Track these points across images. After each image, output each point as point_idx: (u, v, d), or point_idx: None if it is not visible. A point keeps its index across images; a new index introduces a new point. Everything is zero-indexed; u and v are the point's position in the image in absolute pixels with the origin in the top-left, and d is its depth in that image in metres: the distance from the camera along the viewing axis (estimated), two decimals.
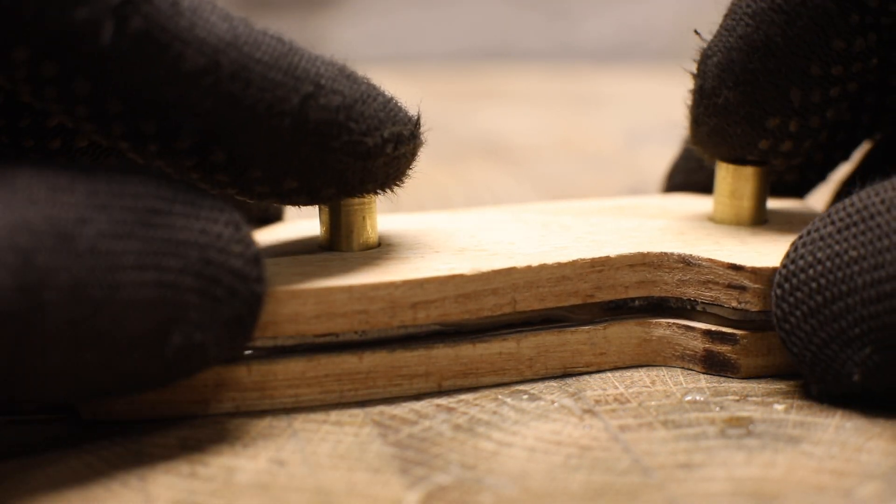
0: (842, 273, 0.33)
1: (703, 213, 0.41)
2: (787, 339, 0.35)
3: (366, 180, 0.35)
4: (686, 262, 0.37)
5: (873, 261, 0.33)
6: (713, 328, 0.37)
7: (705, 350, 0.37)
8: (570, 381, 0.37)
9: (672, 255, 0.37)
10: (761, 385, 0.37)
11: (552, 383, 0.37)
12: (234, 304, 0.32)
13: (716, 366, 0.37)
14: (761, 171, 0.39)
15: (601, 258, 0.37)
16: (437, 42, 1.09)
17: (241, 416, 0.35)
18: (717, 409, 0.35)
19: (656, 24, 1.05)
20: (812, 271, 0.34)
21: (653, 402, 0.36)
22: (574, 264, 0.37)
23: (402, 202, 0.38)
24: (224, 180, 0.34)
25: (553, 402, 0.36)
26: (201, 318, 0.32)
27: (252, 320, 0.33)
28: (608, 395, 0.36)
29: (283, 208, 0.41)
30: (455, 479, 0.32)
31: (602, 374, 0.38)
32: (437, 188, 0.58)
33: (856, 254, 0.33)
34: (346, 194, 0.35)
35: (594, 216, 0.40)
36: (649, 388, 0.37)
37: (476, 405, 0.36)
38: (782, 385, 0.36)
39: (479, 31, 1.11)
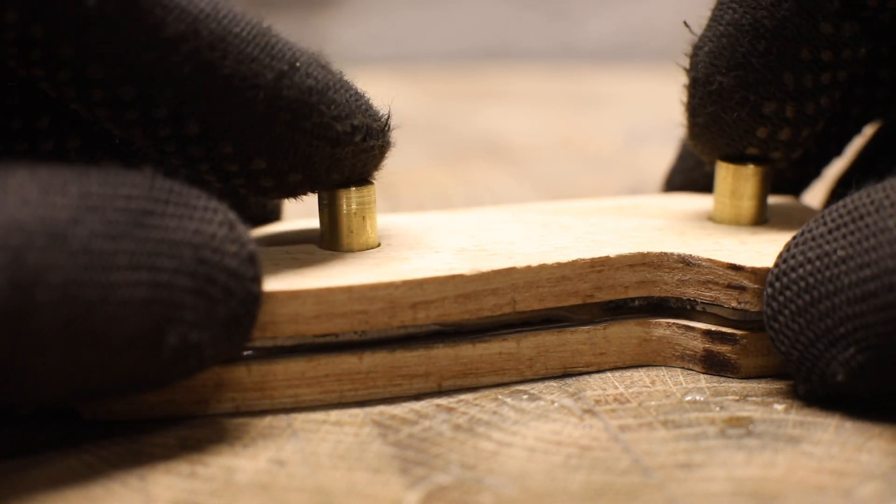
0: (829, 272, 0.33)
1: (703, 212, 0.41)
2: (776, 338, 0.35)
3: (333, 169, 0.36)
4: (686, 262, 0.37)
5: (860, 260, 0.33)
6: (713, 328, 0.37)
7: (705, 350, 0.37)
8: (570, 381, 0.37)
9: (672, 255, 0.37)
10: (761, 385, 0.37)
11: (552, 383, 0.37)
12: (230, 304, 0.32)
13: (716, 366, 0.37)
14: (762, 170, 0.39)
15: (601, 258, 0.37)
16: (437, 42, 1.09)
17: (241, 416, 0.35)
18: (717, 409, 0.35)
19: (656, 24, 1.05)
20: (801, 270, 0.34)
21: (653, 402, 0.36)
22: (574, 264, 0.37)
23: (402, 202, 0.38)
24: (196, 154, 0.34)
25: (553, 402, 0.36)
26: (197, 317, 0.32)
27: (249, 320, 0.33)
28: (608, 395, 0.36)
29: (282, 208, 0.41)
30: (455, 479, 0.32)
31: (602, 374, 0.38)
32: (437, 188, 0.58)
33: (843, 253, 0.33)
34: (312, 183, 0.36)
35: (594, 216, 0.40)
36: (649, 388, 0.37)
37: (476, 405, 0.36)
38: (782, 385, 0.36)
39: (479, 31, 1.11)
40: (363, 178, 0.37)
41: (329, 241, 0.37)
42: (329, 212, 0.37)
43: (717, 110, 0.38)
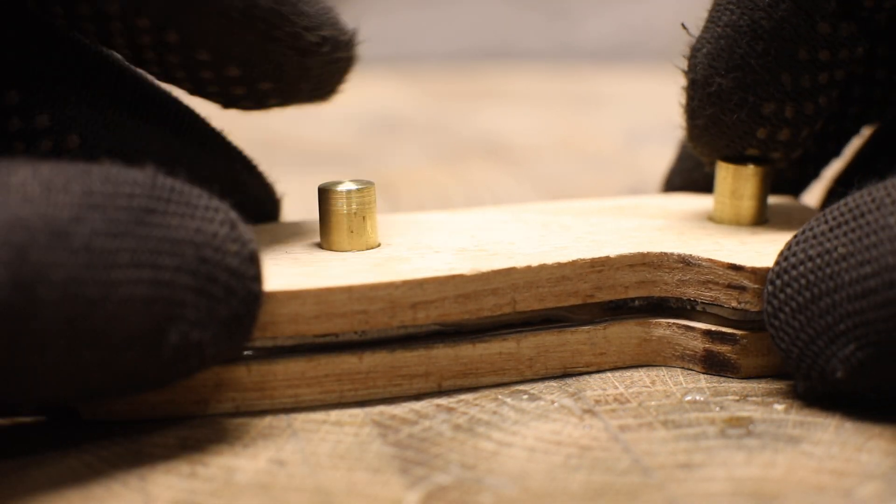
0: (830, 270, 0.33)
1: (704, 212, 0.41)
2: (776, 335, 0.35)
3: (301, 78, 0.37)
4: (686, 262, 0.37)
5: (860, 257, 0.33)
6: (713, 328, 0.37)
7: (705, 350, 0.37)
8: (570, 381, 0.37)
9: (672, 255, 0.37)
10: (761, 385, 0.37)
11: (552, 383, 0.37)
12: (231, 303, 0.32)
13: (716, 366, 0.37)
14: (762, 170, 0.39)
15: (601, 258, 0.37)
16: (437, 42, 1.09)
17: (241, 416, 0.35)
18: (717, 409, 0.35)
19: (656, 24, 1.05)
20: (802, 268, 0.34)
21: (653, 402, 0.36)
22: (574, 264, 0.37)
23: (402, 202, 0.38)
24: (174, 61, 0.36)
25: (553, 402, 0.36)
26: (198, 316, 0.32)
27: (250, 319, 0.33)
28: (608, 395, 0.36)
29: (280, 207, 0.41)
30: (455, 479, 0.32)
31: (602, 374, 0.38)
32: (437, 188, 0.58)
33: (844, 251, 0.33)
34: (281, 92, 0.37)
35: (594, 216, 0.40)
36: (649, 388, 0.37)
37: (476, 405, 0.36)
38: (782, 385, 0.36)
39: (479, 31, 1.11)
40: (330, 93, 0.39)
41: (329, 240, 0.37)
42: (329, 211, 0.37)
43: (717, 112, 0.38)
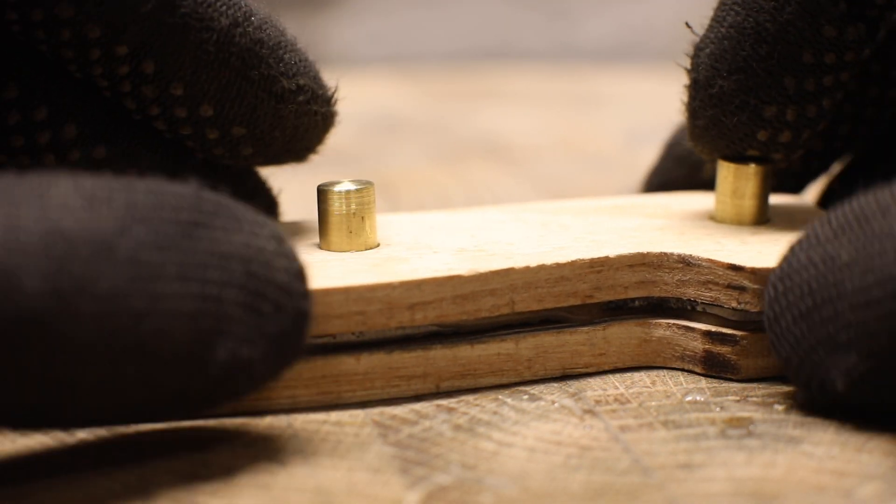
0: (833, 277, 0.32)
1: (705, 212, 0.41)
2: (777, 342, 0.34)
3: (275, 126, 0.37)
4: (686, 262, 0.37)
5: (864, 265, 0.32)
6: (713, 329, 0.37)
7: (705, 351, 0.37)
8: (570, 381, 0.37)
9: (672, 255, 0.37)
10: (762, 385, 0.36)
11: (552, 383, 0.37)
12: (279, 320, 0.31)
13: (716, 367, 0.37)
14: (763, 169, 0.39)
15: (600, 258, 0.37)
16: (437, 42, 1.09)
17: (241, 416, 0.35)
18: (718, 409, 0.35)
19: (656, 24, 1.05)
20: (805, 274, 0.33)
21: (653, 403, 0.36)
22: (573, 265, 0.37)
23: (402, 202, 0.38)
24: (149, 95, 0.36)
25: (553, 403, 0.36)
26: (247, 332, 0.31)
27: (299, 337, 0.32)
28: (608, 396, 0.36)
29: (278, 207, 0.41)
30: (455, 479, 0.32)
31: (602, 375, 0.37)
32: (437, 188, 0.58)
33: (848, 257, 0.32)
34: (256, 142, 0.37)
35: (594, 216, 0.40)
36: (650, 388, 0.37)
37: (476, 405, 0.36)
38: (783, 385, 0.36)
39: (479, 31, 1.11)
40: (307, 150, 0.39)
41: (328, 241, 0.37)
42: (328, 212, 0.37)
43: (718, 113, 0.38)
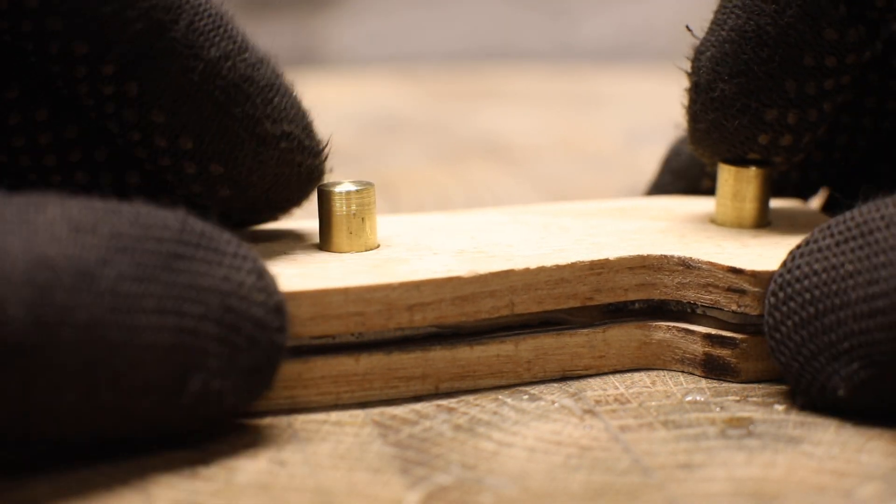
0: (836, 286, 0.33)
1: (706, 215, 0.41)
2: (777, 349, 0.34)
3: (254, 171, 0.36)
4: (686, 264, 0.37)
5: (868, 276, 0.33)
6: (713, 332, 0.37)
7: (705, 354, 0.37)
8: (570, 381, 0.37)
9: (672, 257, 0.37)
10: (762, 385, 0.37)
11: (552, 384, 0.37)
12: (253, 354, 0.32)
13: (715, 370, 0.37)
14: (764, 172, 0.39)
15: (600, 261, 0.37)
16: (437, 42, 1.09)
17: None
18: (718, 409, 0.35)
19: (656, 24, 1.05)
20: (807, 282, 0.34)
21: (653, 403, 0.36)
22: (573, 267, 0.37)
23: (402, 202, 0.38)
24: (131, 119, 0.35)
25: (553, 403, 0.36)
26: (220, 365, 0.31)
27: (271, 370, 0.33)
28: (608, 396, 0.36)
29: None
30: (455, 479, 0.32)
31: (602, 375, 0.37)
32: (437, 188, 0.58)
33: (852, 268, 0.33)
34: (233, 183, 0.36)
35: (595, 218, 0.40)
36: (650, 388, 0.37)
37: (476, 405, 0.36)
38: (783, 385, 0.36)
39: (479, 31, 1.11)
40: (288, 203, 0.38)
41: (328, 242, 0.37)
42: (328, 213, 0.37)
43: (719, 117, 0.38)
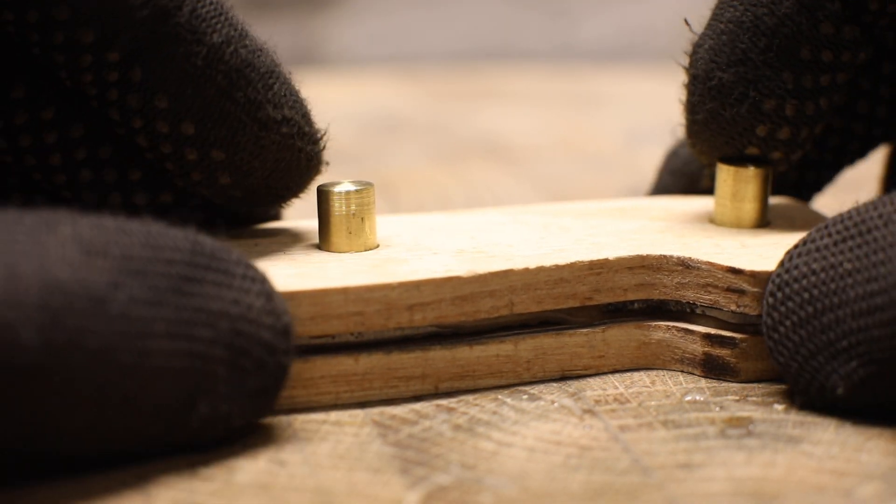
0: (834, 285, 0.33)
1: (705, 215, 0.41)
2: (775, 348, 0.34)
3: (255, 156, 0.36)
4: (685, 264, 0.37)
5: (866, 274, 0.33)
6: (712, 332, 0.37)
7: (704, 354, 0.37)
8: (569, 381, 0.37)
9: (671, 257, 0.37)
10: (761, 385, 0.37)
11: (552, 383, 0.37)
12: (260, 376, 0.32)
13: (715, 370, 0.37)
14: (763, 172, 0.39)
15: (599, 261, 0.37)
16: (437, 42, 1.09)
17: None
18: (717, 409, 0.35)
19: (656, 24, 1.05)
20: (805, 281, 0.34)
21: (653, 402, 0.36)
22: (572, 267, 0.37)
23: (402, 202, 0.38)
24: (134, 105, 0.35)
25: (553, 402, 0.36)
26: (229, 389, 0.32)
27: (276, 391, 0.33)
28: (608, 396, 0.36)
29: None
30: (455, 479, 0.32)
31: (602, 375, 0.38)
32: (437, 188, 0.58)
33: (850, 266, 0.33)
34: (234, 170, 0.36)
35: (595, 218, 0.40)
36: (649, 388, 0.37)
37: (476, 405, 0.36)
38: (782, 385, 0.36)
39: (479, 31, 1.11)
40: (288, 191, 0.38)
41: (328, 241, 0.37)
42: (328, 212, 0.37)
43: (717, 106, 0.38)
